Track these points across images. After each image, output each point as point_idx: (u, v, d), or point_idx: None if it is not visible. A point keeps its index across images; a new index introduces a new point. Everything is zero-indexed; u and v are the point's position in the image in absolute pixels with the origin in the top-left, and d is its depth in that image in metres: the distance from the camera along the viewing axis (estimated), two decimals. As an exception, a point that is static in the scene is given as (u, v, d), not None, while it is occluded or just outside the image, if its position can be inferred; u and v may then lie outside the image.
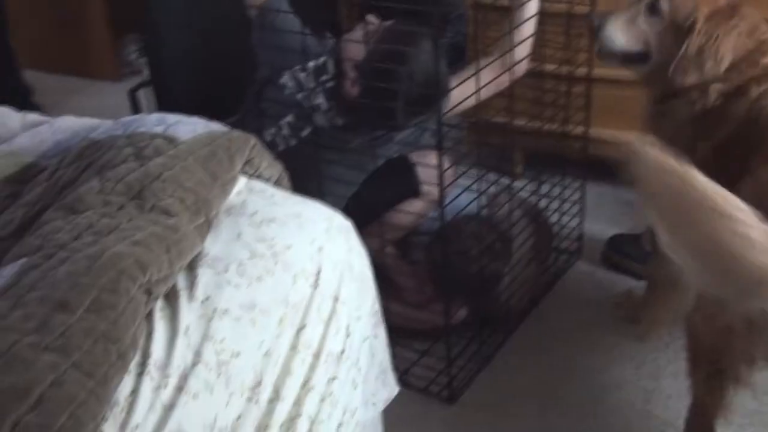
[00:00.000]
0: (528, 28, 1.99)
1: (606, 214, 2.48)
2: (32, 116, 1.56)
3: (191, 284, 1.14)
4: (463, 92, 1.86)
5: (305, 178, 1.90)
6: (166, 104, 2.09)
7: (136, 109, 2.11)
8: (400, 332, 1.95)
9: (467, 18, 2.62)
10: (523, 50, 1.99)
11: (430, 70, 1.82)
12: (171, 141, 1.30)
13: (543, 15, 2.05)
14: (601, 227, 2.40)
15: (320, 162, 1.88)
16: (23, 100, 3.39)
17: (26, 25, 3.62)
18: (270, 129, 2.01)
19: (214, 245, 1.22)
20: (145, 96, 2.17)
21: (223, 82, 2.11)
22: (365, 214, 2.00)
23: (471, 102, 1.87)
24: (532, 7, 1.99)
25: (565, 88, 2.20)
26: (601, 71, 2.21)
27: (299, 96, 1.98)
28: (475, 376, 1.97)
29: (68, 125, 1.47)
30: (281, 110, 2.00)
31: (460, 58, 2.71)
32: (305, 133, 1.99)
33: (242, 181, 1.37)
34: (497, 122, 2.16)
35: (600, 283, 2.27)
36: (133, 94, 2.10)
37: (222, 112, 2.18)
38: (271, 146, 1.99)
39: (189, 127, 1.37)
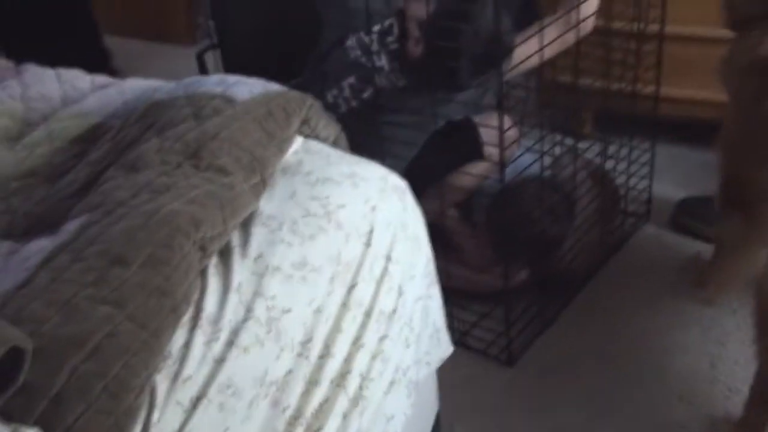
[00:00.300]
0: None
1: (676, 176, 2.41)
2: (101, 78, 1.62)
3: (245, 242, 1.16)
4: (527, 50, 1.83)
5: (367, 139, 1.92)
6: (232, 66, 2.13)
7: (203, 71, 2.16)
8: (461, 294, 1.96)
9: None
10: (589, 7, 1.94)
11: (494, 28, 1.80)
12: (229, 101, 1.33)
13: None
14: (671, 189, 2.34)
15: (381, 123, 1.88)
16: (104, 65, 3.50)
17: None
18: (332, 90, 2.02)
19: (269, 204, 1.24)
20: (213, 59, 2.21)
21: (288, 44, 2.13)
22: (427, 175, 2.01)
23: (535, 60, 1.84)
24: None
25: (635, 46, 2.13)
26: (673, 28, 2.14)
27: (363, 59, 1.98)
28: (535, 339, 1.96)
29: (134, 87, 1.52)
30: (344, 72, 2.01)
31: (532, 14, 2.67)
32: (367, 95, 1.99)
33: (299, 141, 1.39)
34: (564, 81, 2.12)
35: (668, 246, 2.22)
36: (200, 56, 2.14)
37: (287, 73, 2.22)
38: (333, 108, 2.01)
39: (247, 87, 1.39)
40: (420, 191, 2.00)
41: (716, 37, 2.28)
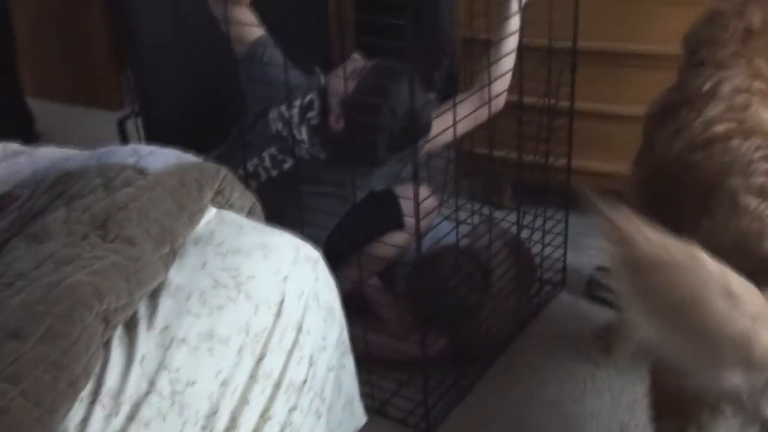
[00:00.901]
0: (507, 63, 2.02)
1: (590, 245, 2.49)
2: (13, 146, 1.60)
3: (151, 313, 1.16)
4: (442, 125, 1.89)
5: (287, 209, 1.94)
6: (153, 135, 2.14)
7: (124, 138, 2.16)
8: (380, 362, 1.97)
9: (456, 52, 2.66)
10: (501, 85, 2.02)
11: (411, 106, 1.86)
12: (141, 172, 1.34)
13: (524, 49, 2.08)
14: (585, 258, 2.41)
15: (301, 193, 1.91)
16: (25, 127, 3.46)
17: (32, 55, 3.69)
18: (253, 159, 2.04)
19: (178, 274, 1.24)
20: (135, 126, 2.21)
21: (209, 114, 2.15)
22: (348, 245, 2.03)
23: (449, 135, 1.90)
24: (511, 42, 2.02)
25: (546, 120, 2.22)
26: (582, 104, 2.24)
27: (284, 132, 2.02)
28: (453, 408, 1.98)
29: (46, 155, 1.51)
30: (265, 143, 2.04)
31: (454, 87, 2.76)
32: (287, 165, 2.02)
33: (212, 212, 1.40)
34: (481, 153, 2.18)
35: (583, 314, 2.28)
36: (121, 124, 2.14)
37: (208, 143, 2.24)
38: (253, 176, 2.03)
39: (161, 158, 1.40)
40: (341, 259, 2.04)
41: (623, 114, 2.41)
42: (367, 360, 1.80)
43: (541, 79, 2.17)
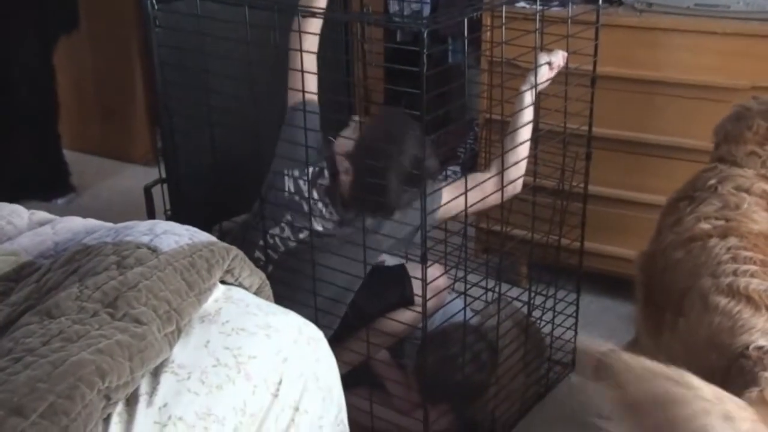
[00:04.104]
0: (522, 151, 2.07)
1: (602, 327, 2.50)
2: (39, 214, 1.69)
3: (152, 390, 1.21)
4: (456, 199, 1.94)
5: (301, 280, 1.99)
6: (177, 202, 2.22)
7: (149, 205, 2.24)
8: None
9: (478, 131, 2.74)
10: (517, 171, 2.06)
11: (418, 150, 1.91)
12: (154, 251, 1.40)
13: (540, 135, 2.13)
14: (596, 340, 2.42)
15: (315, 265, 1.96)
16: (61, 181, 3.60)
17: (71, 109, 3.84)
18: (273, 229, 2.09)
19: (182, 351, 1.30)
20: (161, 191, 2.29)
21: (234, 184, 2.22)
22: (358, 319, 2.07)
23: (459, 208, 1.94)
24: (525, 133, 2.06)
25: (561, 204, 2.26)
26: (596, 189, 2.28)
27: (296, 197, 2.06)
28: (455, 486, 1.98)
29: (69, 227, 1.59)
30: (281, 211, 2.08)
31: (474, 163, 2.82)
32: (303, 235, 2.07)
33: (221, 289, 1.46)
34: (496, 231, 2.23)
35: (592, 395, 2.27)
36: (148, 191, 2.23)
37: (231, 212, 2.31)
38: (272, 247, 2.09)
39: (174, 237, 1.47)
40: (351, 334, 2.08)
41: (637, 201, 2.45)
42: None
43: (558, 164, 2.22)
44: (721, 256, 1.45)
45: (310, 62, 1.97)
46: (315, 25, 2.01)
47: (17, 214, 1.66)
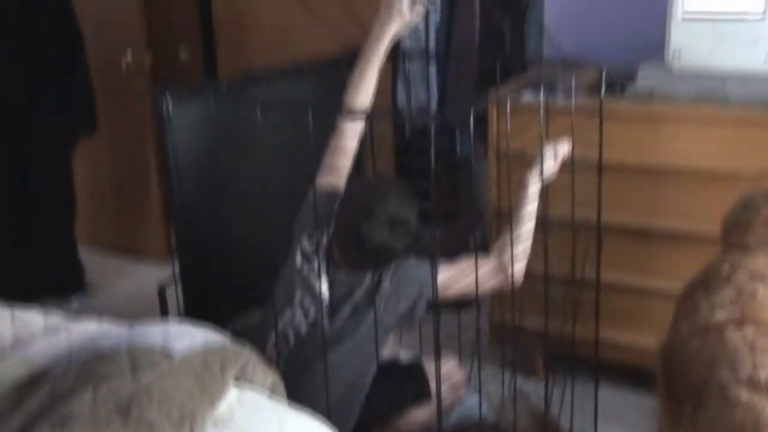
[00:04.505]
0: (526, 240, 2.07)
1: (622, 421, 2.45)
2: (54, 318, 1.69)
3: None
4: (455, 279, 1.94)
5: (312, 370, 1.97)
6: (190, 299, 2.23)
7: (163, 306, 2.25)
8: None
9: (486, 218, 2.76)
10: (517, 261, 2.06)
11: (400, 210, 1.92)
12: (167, 355, 1.40)
13: (549, 224, 2.14)
14: (616, 432, 2.37)
15: (324, 358, 1.94)
16: (76, 280, 3.63)
17: (88, 208, 3.90)
18: (285, 315, 2.07)
19: (195, 457, 1.28)
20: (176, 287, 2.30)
21: (247, 280, 2.23)
22: (374, 418, 2.04)
23: (458, 288, 1.93)
24: (527, 225, 2.08)
25: (573, 293, 2.25)
26: (609, 276, 2.27)
27: (305, 267, 2.04)
28: None
29: (84, 332, 1.59)
30: (293, 289, 2.05)
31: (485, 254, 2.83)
32: (312, 315, 2.03)
33: (234, 393, 1.45)
34: (510, 324, 2.21)
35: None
36: (161, 292, 2.24)
37: (244, 307, 2.32)
38: (284, 340, 2.07)
39: (188, 339, 1.47)
40: (367, 430, 2.05)
41: (651, 289, 2.43)
42: None
43: (568, 253, 2.22)
44: (738, 346, 1.43)
45: (346, 159, 2.03)
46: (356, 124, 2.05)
47: (31, 318, 1.68)
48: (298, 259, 2.06)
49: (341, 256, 2.00)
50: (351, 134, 2.03)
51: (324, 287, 2.01)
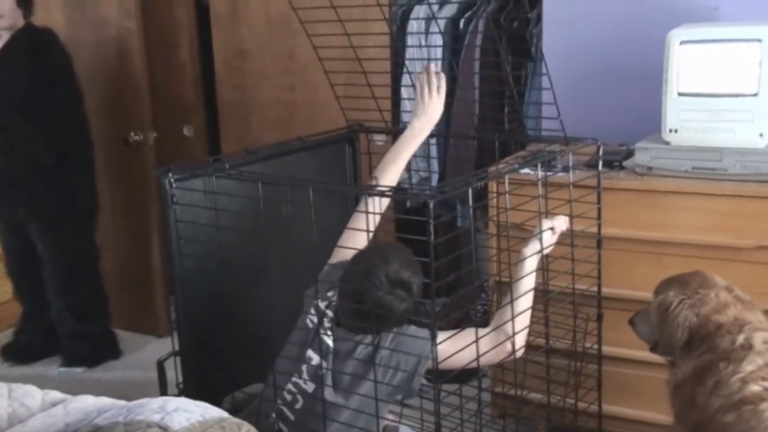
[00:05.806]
0: (525, 315, 2.06)
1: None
2: (52, 394, 1.68)
3: None
4: (454, 351, 1.92)
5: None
6: (189, 374, 2.21)
7: (162, 379, 2.23)
8: None
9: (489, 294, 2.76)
10: (517, 326, 2.04)
11: (402, 271, 1.94)
12: (165, 430, 1.39)
13: (550, 296, 2.14)
14: None
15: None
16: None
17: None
18: (288, 385, 2.06)
19: None
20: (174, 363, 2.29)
21: (246, 355, 2.22)
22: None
23: (460, 362, 1.92)
24: (527, 296, 2.07)
25: (575, 365, 2.24)
26: (610, 349, 2.26)
27: (315, 321, 2.05)
28: None
29: (81, 407, 1.58)
30: (304, 347, 2.05)
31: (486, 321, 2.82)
32: (317, 376, 2.01)
33: (232, 470, 1.43)
34: (510, 395, 2.20)
35: None
36: (161, 365, 2.23)
37: (243, 382, 2.30)
38: (289, 405, 2.04)
39: (186, 414, 1.46)
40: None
41: (652, 361, 2.41)
42: None
43: (569, 326, 2.22)
44: None
45: (363, 235, 2.07)
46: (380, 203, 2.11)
47: (30, 394, 1.67)
48: (309, 321, 2.08)
49: (343, 314, 2.01)
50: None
51: (329, 341, 2.02)
